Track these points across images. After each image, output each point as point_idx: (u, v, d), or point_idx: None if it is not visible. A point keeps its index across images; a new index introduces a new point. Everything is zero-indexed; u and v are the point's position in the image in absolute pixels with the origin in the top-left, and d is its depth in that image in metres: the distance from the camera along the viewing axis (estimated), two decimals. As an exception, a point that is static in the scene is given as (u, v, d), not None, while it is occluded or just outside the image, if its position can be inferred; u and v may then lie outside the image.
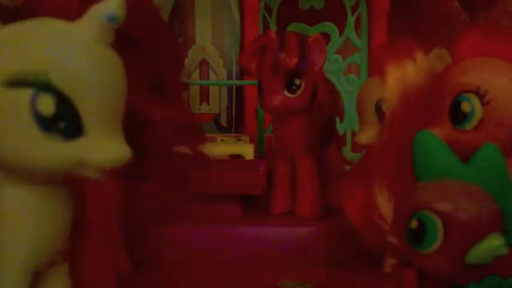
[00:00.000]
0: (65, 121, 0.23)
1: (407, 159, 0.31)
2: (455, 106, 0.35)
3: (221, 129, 0.76)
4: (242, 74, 0.74)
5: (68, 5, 0.26)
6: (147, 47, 0.28)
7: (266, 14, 0.74)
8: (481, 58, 0.36)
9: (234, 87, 0.76)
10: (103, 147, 0.24)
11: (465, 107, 0.35)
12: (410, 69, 0.34)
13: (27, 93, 0.23)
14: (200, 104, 0.76)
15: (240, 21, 0.75)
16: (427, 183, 0.30)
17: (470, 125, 0.35)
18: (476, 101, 0.35)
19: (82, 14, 0.25)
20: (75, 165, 0.24)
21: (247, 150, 0.59)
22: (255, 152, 0.60)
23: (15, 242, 0.26)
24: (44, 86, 0.23)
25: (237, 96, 0.76)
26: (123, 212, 0.43)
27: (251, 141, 0.65)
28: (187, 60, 0.75)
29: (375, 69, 0.51)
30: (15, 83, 0.23)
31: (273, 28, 0.74)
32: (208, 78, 0.76)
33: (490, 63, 0.36)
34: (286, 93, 0.52)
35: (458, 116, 0.35)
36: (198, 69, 0.76)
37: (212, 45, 0.76)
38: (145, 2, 0.28)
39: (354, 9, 0.75)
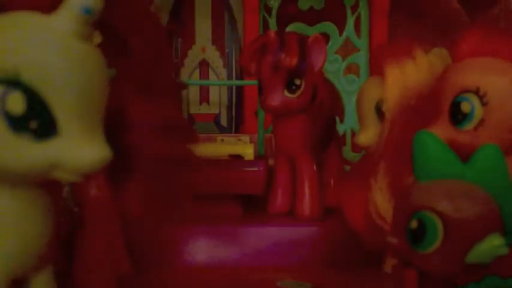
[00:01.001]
0: (37, 120, 0.22)
1: (407, 159, 0.31)
2: (455, 106, 0.35)
3: (221, 129, 0.76)
4: (242, 74, 0.74)
5: None
6: (137, 45, 0.27)
7: (266, 14, 0.74)
8: (481, 58, 0.36)
9: (234, 87, 0.76)
10: (79, 148, 0.23)
11: (465, 107, 0.35)
12: (410, 69, 0.34)
13: None
14: (200, 104, 0.76)
15: (240, 21, 0.75)
16: (427, 183, 0.30)
17: (470, 125, 0.35)
18: (476, 101, 0.35)
19: (55, 7, 0.23)
20: (50, 168, 0.23)
21: (247, 150, 0.59)
22: (255, 152, 0.60)
23: None
24: (13, 83, 0.22)
25: (237, 96, 0.76)
26: (123, 212, 0.43)
27: (251, 141, 0.65)
28: (187, 60, 0.75)
29: (375, 69, 0.51)
30: None
31: (273, 28, 0.74)
32: (208, 78, 0.76)
33: (490, 63, 0.36)
34: (286, 93, 0.52)
35: (458, 116, 0.35)
36: (198, 69, 0.76)
37: (212, 45, 0.76)
38: (136, 0, 0.27)
39: (354, 9, 0.75)
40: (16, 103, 0.22)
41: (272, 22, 0.74)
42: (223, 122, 0.77)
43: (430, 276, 0.30)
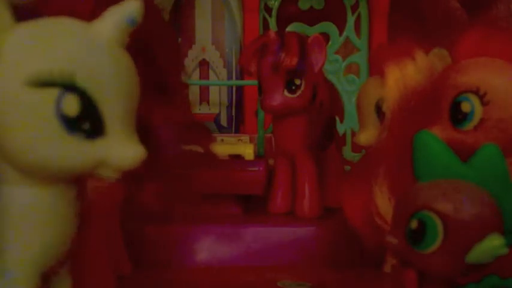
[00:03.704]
0: (88, 121, 0.24)
1: (407, 159, 0.31)
2: (455, 106, 0.35)
3: (221, 129, 0.76)
4: (242, 74, 0.74)
5: (82, 5, 0.26)
6: (150, 48, 0.28)
7: (266, 14, 0.74)
8: (481, 58, 0.36)
9: (234, 87, 0.76)
10: (122, 147, 0.24)
11: (465, 107, 0.35)
12: (410, 69, 0.34)
13: (52, 94, 0.23)
14: (200, 104, 0.76)
15: (240, 21, 0.75)
16: (427, 183, 0.30)
17: (470, 125, 0.35)
18: (476, 101, 0.35)
19: (95, 15, 0.25)
20: (97, 165, 0.24)
21: (247, 150, 0.59)
22: (255, 152, 0.60)
23: (26, 243, 0.25)
24: (69, 86, 0.23)
25: (237, 96, 0.76)
26: (123, 212, 0.43)
27: (251, 141, 0.65)
28: (187, 60, 0.75)
29: (375, 69, 0.51)
30: (40, 83, 0.23)
31: (273, 28, 0.74)
32: (208, 78, 0.76)
33: (490, 63, 0.36)
34: (286, 93, 0.52)
35: (458, 116, 0.35)
36: (198, 69, 0.76)
37: (212, 45, 0.76)
38: (147, 3, 0.28)
39: (354, 9, 0.75)
40: (71, 105, 0.23)
41: (272, 22, 0.74)
42: (223, 122, 0.77)
43: (430, 276, 0.30)
